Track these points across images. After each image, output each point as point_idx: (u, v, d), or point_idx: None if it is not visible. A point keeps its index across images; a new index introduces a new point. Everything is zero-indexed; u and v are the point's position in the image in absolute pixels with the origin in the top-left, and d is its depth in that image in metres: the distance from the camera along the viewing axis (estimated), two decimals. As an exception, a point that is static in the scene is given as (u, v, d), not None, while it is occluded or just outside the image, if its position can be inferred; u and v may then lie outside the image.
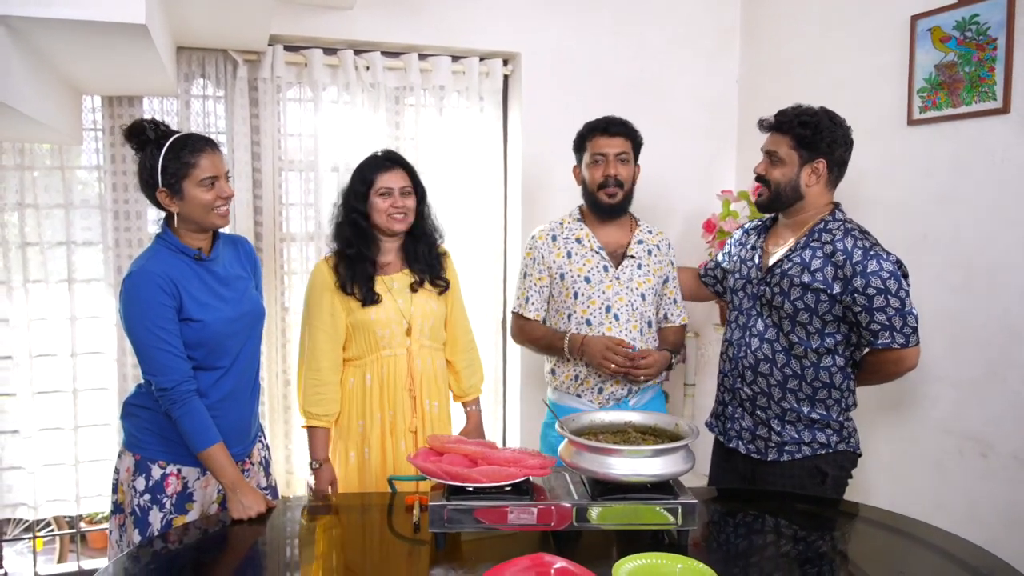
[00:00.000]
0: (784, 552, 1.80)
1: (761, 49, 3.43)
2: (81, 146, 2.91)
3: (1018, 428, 2.31)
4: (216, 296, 1.99)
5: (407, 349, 2.29)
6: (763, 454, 2.22)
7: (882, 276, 2.03)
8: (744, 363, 2.26)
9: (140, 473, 1.97)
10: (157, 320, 1.87)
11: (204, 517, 1.97)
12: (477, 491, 1.70)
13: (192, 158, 1.92)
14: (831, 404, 2.16)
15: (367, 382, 2.28)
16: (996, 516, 2.37)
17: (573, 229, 2.49)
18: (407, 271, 2.34)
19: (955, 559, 1.71)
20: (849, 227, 2.13)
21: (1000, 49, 2.32)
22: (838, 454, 2.18)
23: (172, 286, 1.90)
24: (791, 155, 2.15)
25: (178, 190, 1.92)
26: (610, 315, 2.42)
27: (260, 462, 2.20)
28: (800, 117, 2.14)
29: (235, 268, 2.10)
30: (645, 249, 2.48)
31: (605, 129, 2.41)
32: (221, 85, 3.01)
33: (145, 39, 1.84)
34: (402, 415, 2.30)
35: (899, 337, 2.05)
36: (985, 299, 2.41)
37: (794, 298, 2.13)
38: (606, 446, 1.71)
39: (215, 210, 1.97)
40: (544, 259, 2.48)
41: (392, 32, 3.08)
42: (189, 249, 1.98)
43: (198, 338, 1.93)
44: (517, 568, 1.53)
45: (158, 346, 1.88)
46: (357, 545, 1.88)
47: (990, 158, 2.37)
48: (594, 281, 2.42)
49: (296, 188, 3.14)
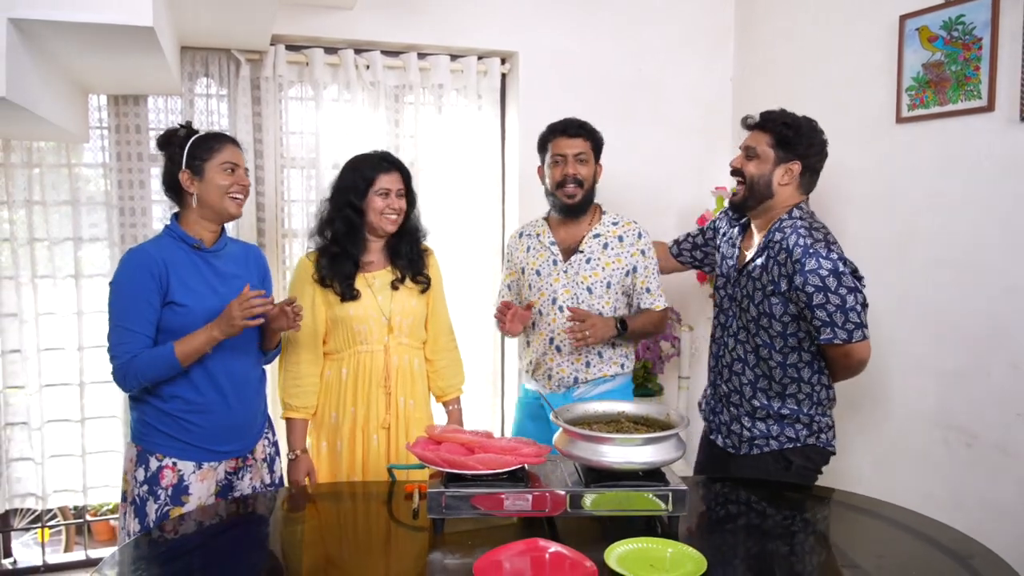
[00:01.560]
0: (771, 537, 1.85)
1: (755, 49, 3.48)
2: (87, 144, 2.97)
3: (1001, 419, 2.37)
4: (207, 285, 2.06)
5: (384, 345, 2.32)
6: (736, 448, 2.29)
7: (820, 274, 2.04)
8: (723, 361, 2.34)
9: (140, 464, 2.04)
10: (130, 297, 1.97)
11: (201, 508, 2.02)
12: (474, 478, 1.76)
13: (217, 144, 2.07)
14: (802, 399, 2.21)
15: (343, 375, 2.32)
16: (980, 505, 2.43)
17: (536, 226, 2.65)
18: (389, 268, 2.37)
19: (936, 543, 1.77)
20: (799, 224, 2.14)
21: (985, 48, 2.37)
22: (806, 447, 2.23)
23: (161, 267, 1.99)
24: (768, 152, 2.19)
25: (199, 171, 2.04)
26: (555, 307, 2.54)
27: (264, 459, 2.25)
28: (784, 118, 2.19)
29: (239, 268, 2.16)
30: (601, 243, 2.55)
31: (564, 131, 2.52)
32: (224, 84, 3.06)
33: (151, 40, 1.89)
34: (375, 411, 2.32)
35: (841, 332, 2.07)
36: (970, 294, 2.47)
37: (757, 301, 2.19)
38: (599, 434, 1.76)
39: (230, 195, 2.07)
40: (512, 256, 2.68)
41: (392, 32, 3.13)
42: (190, 238, 2.07)
43: (180, 323, 2.00)
44: (512, 552, 1.59)
45: (121, 322, 1.98)
46: (356, 531, 1.93)
47: (975, 156, 2.43)
48: (543, 274, 2.56)
49: (298, 185, 3.20)
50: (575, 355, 2.55)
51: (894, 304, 2.68)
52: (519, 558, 1.58)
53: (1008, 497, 2.36)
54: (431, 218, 3.33)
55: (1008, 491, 2.36)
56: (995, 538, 2.30)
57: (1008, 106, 2.31)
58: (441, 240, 3.36)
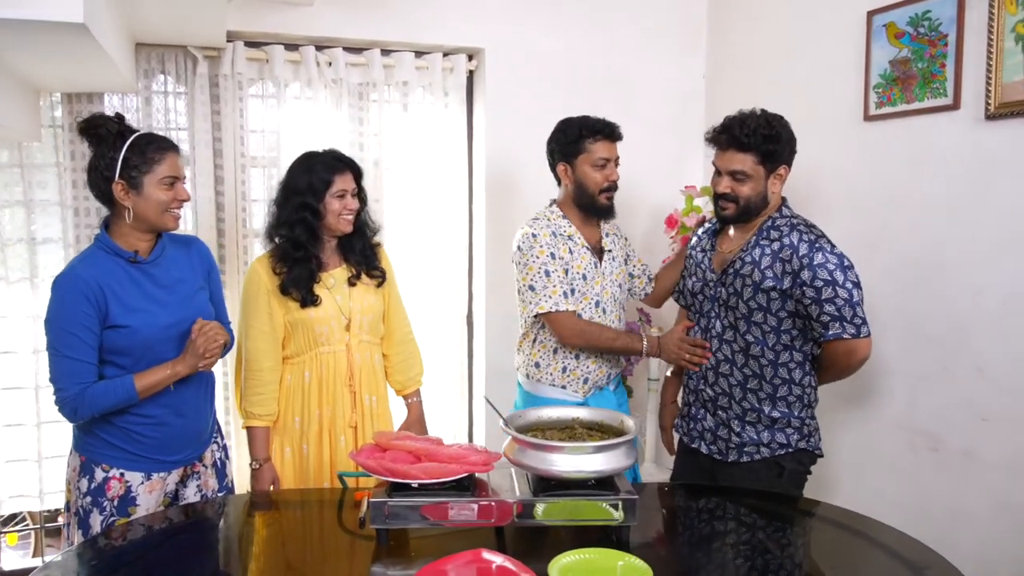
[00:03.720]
0: (732, 548, 1.81)
1: (727, 45, 3.43)
2: (40, 143, 2.89)
3: (967, 424, 2.34)
4: (151, 300, 1.97)
5: (346, 345, 2.29)
6: (724, 455, 2.23)
7: (828, 268, 2.04)
8: (706, 365, 2.28)
9: (84, 475, 1.97)
10: (69, 326, 1.86)
11: (150, 515, 1.96)
12: (421, 487, 1.71)
13: (157, 155, 1.93)
14: (792, 401, 2.17)
15: (306, 379, 2.28)
16: (945, 511, 2.40)
17: (563, 226, 2.50)
18: (344, 266, 2.33)
19: (896, 555, 1.73)
20: (795, 222, 2.15)
21: (951, 45, 2.33)
22: (798, 452, 2.19)
23: (98, 292, 1.88)
24: (757, 170, 2.14)
25: (137, 184, 1.91)
26: (599, 309, 2.49)
27: (214, 463, 2.19)
28: (760, 131, 2.11)
29: (182, 271, 2.07)
30: (612, 240, 2.59)
31: (611, 134, 2.46)
32: (182, 81, 2.99)
33: (86, 37, 1.82)
34: (341, 411, 2.30)
35: (849, 327, 2.07)
36: (935, 295, 2.43)
37: (747, 298, 2.15)
38: (547, 443, 1.72)
39: (169, 211, 1.96)
40: (557, 254, 2.45)
41: (353, 28, 3.06)
42: (124, 251, 1.95)
43: (126, 344, 1.91)
44: (455, 564, 1.54)
45: (63, 352, 1.87)
46: (304, 540, 1.89)
47: (941, 155, 2.39)
48: (588, 278, 2.48)
49: (259, 185, 3.13)
50: (611, 355, 2.55)
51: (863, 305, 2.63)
52: (461, 570, 1.53)
53: (972, 503, 2.32)
54: (397, 217, 3.32)
55: (972, 497, 2.32)
56: (960, 544, 2.28)
57: (973, 104, 2.27)
58: (407, 240, 3.33)
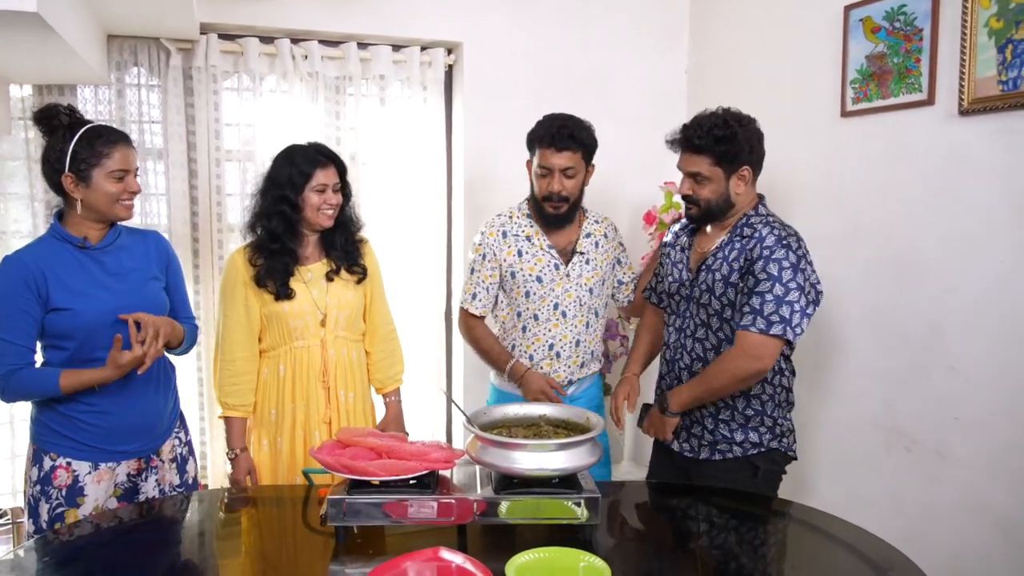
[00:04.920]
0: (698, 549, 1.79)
1: (709, 40, 3.41)
2: (10, 135, 2.86)
3: (939, 423, 2.32)
4: (97, 285, 1.96)
5: (321, 340, 2.27)
6: (696, 452, 2.21)
7: (782, 263, 2.00)
8: (680, 364, 2.26)
9: (35, 463, 1.97)
10: (5, 308, 1.88)
11: (98, 512, 1.95)
12: (383, 484, 1.69)
13: (106, 148, 1.93)
14: (766, 399, 2.15)
15: (280, 372, 2.27)
16: (918, 509, 2.38)
17: (523, 226, 2.49)
18: (324, 260, 2.31)
19: (860, 554, 1.70)
20: (770, 219, 2.11)
21: (926, 40, 2.31)
22: (770, 451, 2.16)
23: (38, 275, 1.89)
24: (715, 171, 2.10)
25: (86, 177, 1.91)
26: (558, 312, 2.46)
27: (174, 459, 2.17)
28: (713, 132, 2.07)
29: (135, 261, 2.06)
30: (593, 242, 2.52)
31: (551, 142, 2.35)
32: (155, 74, 2.97)
33: (42, 27, 1.79)
34: (315, 406, 2.28)
35: (760, 321, 1.99)
36: (909, 293, 2.41)
37: (719, 294, 2.12)
38: (509, 440, 1.70)
39: (120, 202, 1.96)
40: (495, 256, 2.49)
41: (329, 21, 3.03)
42: (73, 237, 1.96)
43: (69, 327, 1.92)
44: (412, 562, 1.52)
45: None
46: (265, 536, 1.87)
47: (915, 152, 2.37)
48: (545, 280, 2.45)
49: (234, 179, 3.10)
50: (573, 358, 2.51)
51: (838, 302, 2.61)
52: (417, 568, 1.51)
53: (944, 502, 2.30)
54: (374, 212, 3.29)
55: (944, 496, 2.31)
56: (932, 544, 2.28)
57: (948, 100, 2.25)
58: (385, 235, 3.29)
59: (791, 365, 2.20)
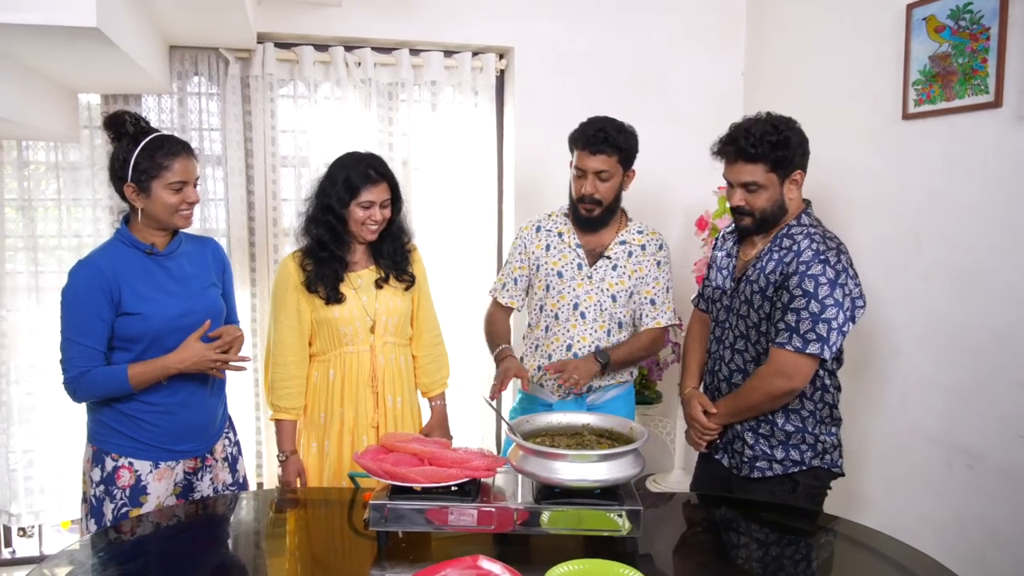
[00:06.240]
0: (739, 562, 1.75)
1: (766, 41, 3.33)
2: (77, 143, 2.97)
3: (1006, 441, 2.21)
4: (163, 291, 2.03)
5: (370, 346, 2.30)
6: (738, 468, 2.16)
7: (819, 280, 1.93)
8: (720, 375, 2.21)
9: (96, 464, 2.03)
10: (80, 312, 1.94)
11: (159, 510, 2.00)
12: (425, 491, 1.70)
13: (165, 160, 1.97)
14: (806, 416, 2.07)
15: (330, 377, 2.30)
16: (982, 531, 2.27)
17: (558, 223, 2.50)
18: (373, 267, 2.33)
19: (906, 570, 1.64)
20: (812, 231, 2.04)
21: (993, 39, 2.21)
22: (812, 469, 2.08)
23: (112, 281, 1.95)
24: (770, 179, 2.04)
25: (146, 188, 1.97)
26: (577, 312, 2.42)
27: (225, 458, 2.22)
28: (767, 138, 2.01)
29: (195, 267, 2.12)
30: (626, 251, 2.45)
31: (587, 145, 2.33)
32: (215, 83, 3.05)
33: (102, 41, 1.86)
34: (364, 411, 2.31)
35: (796, 340, 1.94)
36: (974, 304, 2.31)
37: (756, 306, 2.07)
38: (551, 450, 1.68)
39: (178, 212, 2.02)
40: (526, 248, 2.53)
41: (382, 28, 3.08)
42: (141, 244, 2.02)
43: (138, 331, 1.98)
44: (451, 569, 1.52)
45: (72, 337, 1.95)
46: (310, 538, 1.89)
47: (981, 155, 2.27)
48: (566, 277, 2.43)
49: (289, 184, 3.17)
50: None
51: (898, 313, 2.53)
52: (457, 574, 1.51)
53: (1009, 524, 2.20)
54: (426, 217, 3.32)
55: (1009, 517, 2.20)
56: (994, 568, 2.17)
57: (1016, 102, 2.15)
58: (436, 240, 3.32)
59: (836, 380, 2.10)
